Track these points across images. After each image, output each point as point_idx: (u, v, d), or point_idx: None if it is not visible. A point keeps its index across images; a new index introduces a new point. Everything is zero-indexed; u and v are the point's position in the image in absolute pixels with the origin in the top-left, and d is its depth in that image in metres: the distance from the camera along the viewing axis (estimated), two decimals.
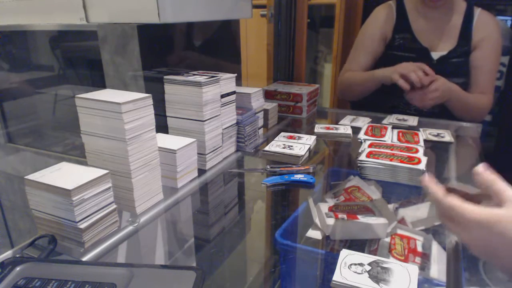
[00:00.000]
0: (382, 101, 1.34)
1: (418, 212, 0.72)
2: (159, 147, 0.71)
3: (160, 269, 0.49)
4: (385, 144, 0.94)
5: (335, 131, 1.10)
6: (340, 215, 0.65)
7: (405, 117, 1.23)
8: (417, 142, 0.97)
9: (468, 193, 0.51)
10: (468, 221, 0.42)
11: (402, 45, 1.29)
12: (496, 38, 1.24)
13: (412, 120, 1.20)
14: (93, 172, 0.59)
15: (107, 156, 0.66)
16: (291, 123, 1.26)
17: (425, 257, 0.58)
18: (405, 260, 0.56)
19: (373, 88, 1.28)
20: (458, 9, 1.26)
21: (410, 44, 1.28)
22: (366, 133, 1.06)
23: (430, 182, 0.50)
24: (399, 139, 1.00)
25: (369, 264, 0.51)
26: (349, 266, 0.50)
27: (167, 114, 0.87)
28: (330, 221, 0.64)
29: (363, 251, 0.56)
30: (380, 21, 1.34)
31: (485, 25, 1.24)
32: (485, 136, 1.85)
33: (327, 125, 1.15)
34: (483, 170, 0.47)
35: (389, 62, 1.24)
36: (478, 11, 1.25)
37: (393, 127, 1.11)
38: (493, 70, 1.26)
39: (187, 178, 0.80)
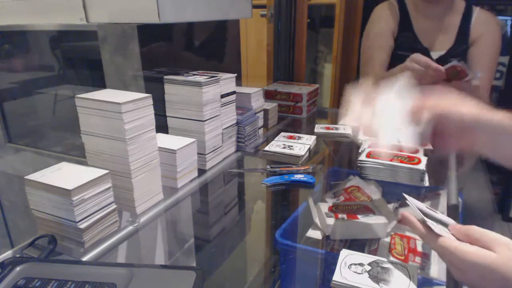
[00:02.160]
0: None
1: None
2: (159, 147, 0.71)
3: (160, 269, 0.49)
4: None
5: (335, 131, 1.10)
6: (340, 215, 0.65)
7: None
8: None
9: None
10: (462, 263, 0.42)
11: (404, 43, 1.29)
12: (495, 35, 1.24)
13: None
14: (93, 172, 0.59)
15: (107, 156, 0.66)
16: (291, 123, 1.25)
17: (425, 256, 0.58)
18: (405, 260, 0.56)
19: None
20: (457, 8, 1.26)
21: (411, 44, 1.28)
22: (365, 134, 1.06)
23: (415, 225, 0.49)
24: None
25: (369, 264, 0.51)
26: (349, 266, 0.50)
27: (167, 114, 0.87)
28: (330, 221, 0.64)
29: (363, 251, 0.56)
30: (386, 17, 1.30)
31: (483, 22, 1.24)
32: None
33: (327, 125, 1.15)
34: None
35: (393, 61, 1.23)
36: (476, 10, 1.25)
37: None
38: (490, 66, 1.25)
39: (187, 178, 0.80)
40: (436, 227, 0.47)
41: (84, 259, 0.57)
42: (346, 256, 0.52)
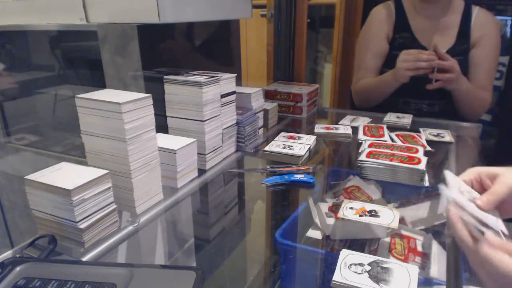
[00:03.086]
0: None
1: (418, 212, 0.72)
2: (159, 147, 0.71)
3: (160, 269, 0.49)
4: (385, 144, 0.94)
5: (335, 131, 1.10)
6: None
7: (403, 115, 1.23)
8: (420, 144, 0.97)
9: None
10: (503, 276, 0.39)
11: (402, 44, 1.29)
12: (495, 35, 1.25)
13: (407, 118, 1.19)
14: (93, 172, 0.59)
15: (107, 156, 0.66)
16: (291, 123, 1.26)
17: (425, 256, 0.58)
18: (405, 259, 0.57)
19: (390, 92, 1.26)
20: (456, 7, 1.26)
21: (410, 43, 1.28)
22: (364, 134, 1.06)
23: (459, 227, 0.44)
24: (402, 141, 1.00)
25: (369, 264, 0.51)
26: (349, 266, 0.50)
27: (167, 114, 0.87)
28: (330, 220, 0.64)
29: (363, 251, 0.56)
30: (381, 20, 1.33)
31: (484, 23, 1.24)
32: (485, 136, 1.85)
33: (327, 125, 1.15)
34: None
35: (391, 62, 1.24)
36: (476, 9, 1.25)
37: (391, 129, 1.10)
38: (492, 67, 1.26)
39: (187, 178, 0.80)
40: (475, 229, 0.43)
41: (84, 259, 0.57)
42: (346, 256, 0.52)
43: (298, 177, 0.82)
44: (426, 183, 0.80)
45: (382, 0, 1.38)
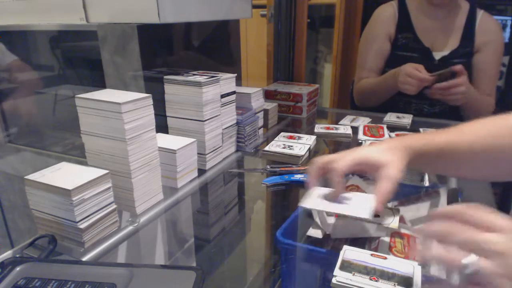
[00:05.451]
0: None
1: (418, 211, 0.72)
2: (159, 147, 0.71)
3: (160, 269, 0.49)
4: None
5: (335, 131, 1.10)
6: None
7: (403, 115, 1.23)
8: None
9: None
10: None
11: (405, 45, 1.29)
12: (499, 41, 1.25)
13: (407, 118, 1.19)
14: (93, 172, 0.59)
15: (107, 156, 0.66)
16: (291, 123, 1.26)
17: None
18: (406, 258, 0.56)
19: (392, 94, 1.28)
20: (461, 9, 1.26)
21: (412, 44, 1.28)
22: (364, 134, 1.06)
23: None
24: None
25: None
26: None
27: (167, 114, 0.87)
28: (331, 219, 0.64)
29: None
30: (383, 21, 1.32)
31: (488, 28, 1.24)
32: None
33: (327, 125, 1.15)
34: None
35: (394, 62, 1.24)
36: (481, 13, 1.25)
37: (391, 129, 1.10)
38: (496, 73, 1.27)
39: (187, 178, 0.80)
40: None
41: (84, 259, 0.57)
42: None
43: (298, 177, 0.82)
44: (426, 183, 0.80)
45: (383, 0, 1.38)
